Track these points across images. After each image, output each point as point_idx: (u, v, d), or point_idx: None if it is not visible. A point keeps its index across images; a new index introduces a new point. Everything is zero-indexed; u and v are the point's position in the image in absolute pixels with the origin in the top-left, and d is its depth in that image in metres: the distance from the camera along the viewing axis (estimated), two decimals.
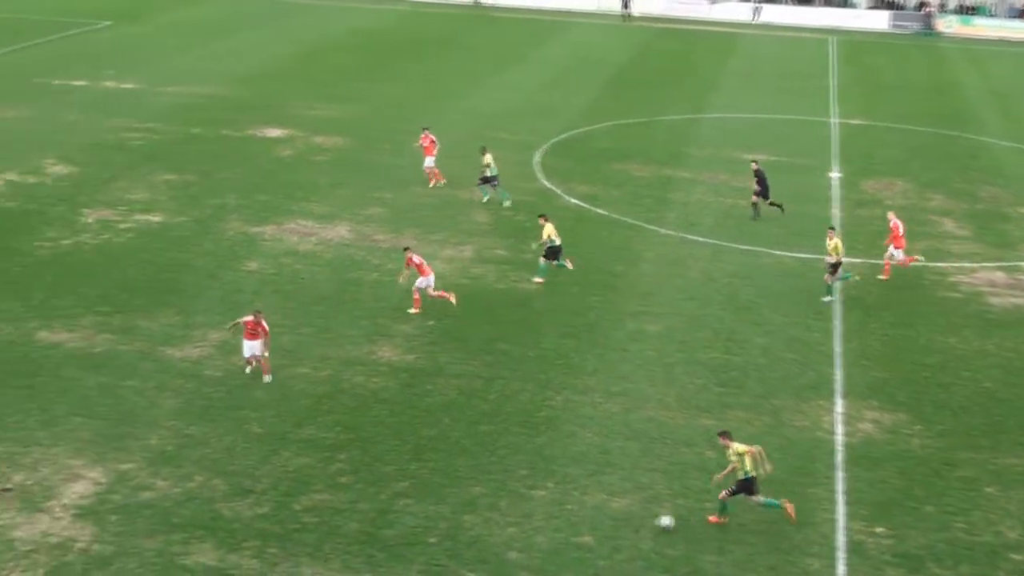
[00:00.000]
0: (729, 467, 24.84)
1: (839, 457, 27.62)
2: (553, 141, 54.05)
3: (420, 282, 34.48)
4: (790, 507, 24.92)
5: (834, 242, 36.59)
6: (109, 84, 62.05)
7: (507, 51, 77.14)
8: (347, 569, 22.80)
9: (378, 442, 27.33)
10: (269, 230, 40.89)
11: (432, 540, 23.82)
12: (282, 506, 24.67)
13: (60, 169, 46.96)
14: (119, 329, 32.69)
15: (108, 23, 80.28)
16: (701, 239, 41.36)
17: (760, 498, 24.80)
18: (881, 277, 38.72)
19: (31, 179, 45.44)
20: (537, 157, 51.32)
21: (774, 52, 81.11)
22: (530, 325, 34.12)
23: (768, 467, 24.81)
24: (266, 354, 29.98)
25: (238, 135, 52.96)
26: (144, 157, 49.17)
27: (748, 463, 24.54)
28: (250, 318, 29.91)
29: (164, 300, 34.75)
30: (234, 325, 30.66)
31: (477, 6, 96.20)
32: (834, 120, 60.79)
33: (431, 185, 46.04)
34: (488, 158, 44.40)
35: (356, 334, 33.02)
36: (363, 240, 40.27)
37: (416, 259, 34.63)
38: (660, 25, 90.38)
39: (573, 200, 45.48)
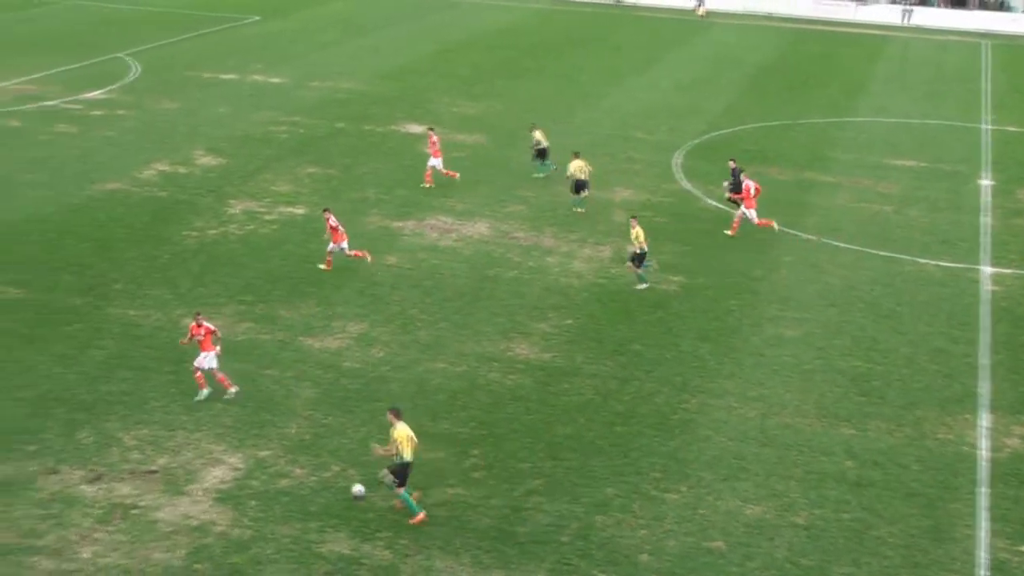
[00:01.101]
0: (390, 445, 24.09)
1: (983, 473, 26.83)
2: (694, 143, 53.57)
3: (332, 247, 36.18)
4: (420, 517, 24.08)
5: (635, 231, 36.18)
6: (257, 78, 63.32)
7: (648, 50, 76.70)
8: (477, 564, 22.88)
9: (512, 439, 27.38)
10: (409, 225, 41.28)
11: (564, 539, 23.78)
12: None
13: (209, 160, 48.06)
14: (261, 318, 33.31)
15: (257, 18, 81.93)
16: (842, 244, 40.58)
17: (403, 490, 24.06)
18: (728, 232, 41.09)
19: (181, 170, 46.60)
20: (677, 158, 50.92)
21: (925, 55, 79.19)
22: (667, 327, 33.87)
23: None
24: (215, 366, 28.46)
25: (381, 130, 53.56)
26: (289, 150, 50.06)
27: (407, 451, 23.90)
28: (192, 323, 28.78)
29: (305, 291, 35.32)
30: (188, 339, 29.08)
31: (619, 5, 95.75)
32: (986, 126, 59.08)
33: (426, 185, 45.17)
34: (537, 134, 46.58)
35: (493, 331, 33.14)
36: (502, 237, 40.39)
37: (332, 223, 36.02)
38: (804, 27, 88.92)
39: (712, 203, 45.00)
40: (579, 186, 42.81)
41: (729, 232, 41.31)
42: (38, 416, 27.43)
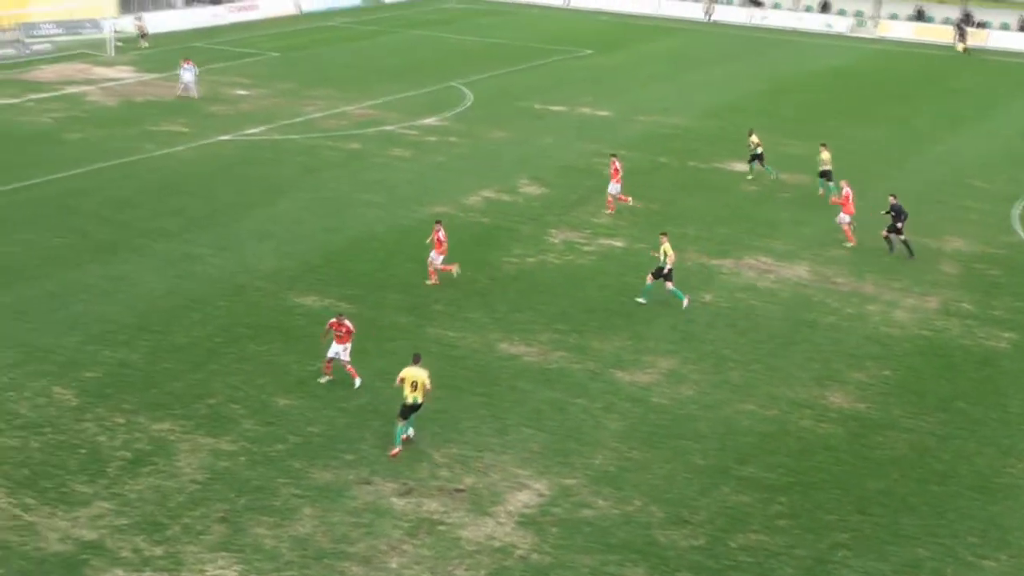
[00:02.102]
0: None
1: None
2: None
3: (434, 257, 37.60)
4: (396, 451, 27.37)
5: (664, 247, 36.26)
6: (585, 110, 64.31)
7: (992, 96, 73.38)
8: None
9: (821, 489, 26.54)
10: (727, 263, 40.84)
11: None
12: (717, 541, 24.45)
13: (532, 189, 49.08)
14: (573, 347, 33.64)
15: (589, 52, 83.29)
16: None
17: (401, 424, 27.38)
18: (848, 244, 42.74)
19: (506, 197, 47.77)
20: (1016, 209, 48.36)
21: None
22: (995, 385, 32.12)
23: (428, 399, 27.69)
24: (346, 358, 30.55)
25: (704, 167, 53.32)
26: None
27: (418, 393, 27.05)
28: (333, 320, 30.72)
29: (618, 324, 35.44)
30: (325, 333, 31.12)
31: (966, 53, 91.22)
32: None
33: (610, 212, 45.89)
34: (754, 139, 50.88)
35: (806, 376, 32.30)
36: (822, 281, 39.39)
37: (441, 235, 37.50)
38: None
39: None
40: (824, 175, 48.28)
41: (850, 243, 42.76)
42: (357, 427, 28.62)
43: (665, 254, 36.22)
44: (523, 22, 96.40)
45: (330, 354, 30.63)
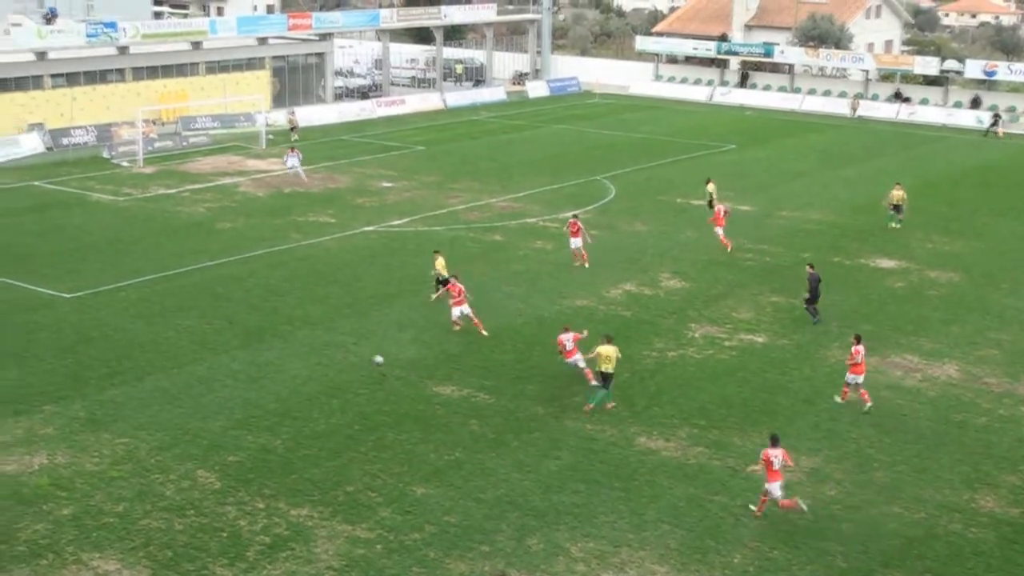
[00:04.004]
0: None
1: None
2: None
3: (456, 311, 41.48)
4: (609, 405, 34.91)
5: (438, 261, 44.56)
6: (726, 205, 63.88)
7: None
8: None
9: None
10: (871, 361, 39.80)
11: None
12: None
13: (673, 283, 48.86)
14: (712, 444, 33.17)
15: (732, 146, 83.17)
16: None
17: (597, 383, 35.21)
18: (728, 250, 53.07)
19: (647, 291, 47.62)
20: None
21: None
22: None
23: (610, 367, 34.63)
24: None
25: (848, 263, 52.48)
26: (753, 277, 50.01)
27: (602, 363, 34.48)
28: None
29: (758, 420, 34.86)
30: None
31: None
32: None
33: (576, 264, 50.68)
34: (711, 187, 60.02)
35: (956, 479, 31.28)
36: (972, 381, 38.27)
37: (459, 287, 41.40)
38: None
39: None
40: (896, 209, 58.38)
41: (728, 249, 52.92)
42: (493, 518, 28.53)
43: (438, 266, 44.20)
44: (667, 117, 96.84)
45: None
